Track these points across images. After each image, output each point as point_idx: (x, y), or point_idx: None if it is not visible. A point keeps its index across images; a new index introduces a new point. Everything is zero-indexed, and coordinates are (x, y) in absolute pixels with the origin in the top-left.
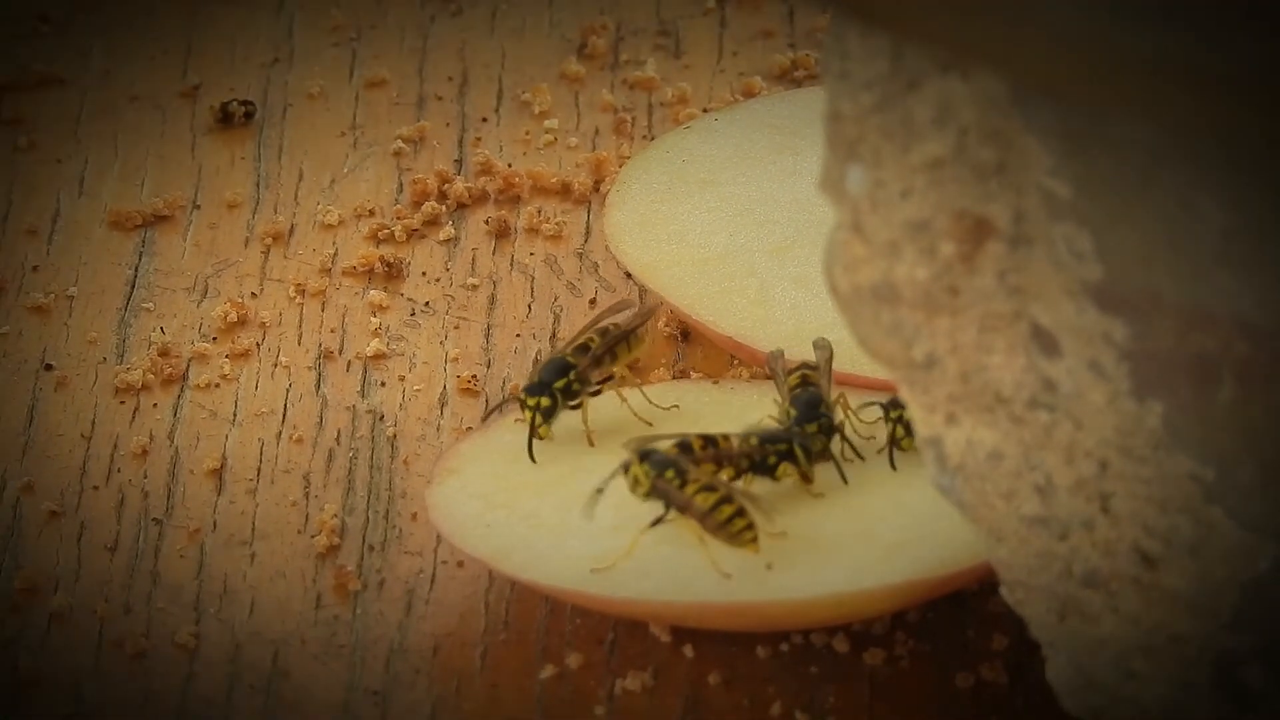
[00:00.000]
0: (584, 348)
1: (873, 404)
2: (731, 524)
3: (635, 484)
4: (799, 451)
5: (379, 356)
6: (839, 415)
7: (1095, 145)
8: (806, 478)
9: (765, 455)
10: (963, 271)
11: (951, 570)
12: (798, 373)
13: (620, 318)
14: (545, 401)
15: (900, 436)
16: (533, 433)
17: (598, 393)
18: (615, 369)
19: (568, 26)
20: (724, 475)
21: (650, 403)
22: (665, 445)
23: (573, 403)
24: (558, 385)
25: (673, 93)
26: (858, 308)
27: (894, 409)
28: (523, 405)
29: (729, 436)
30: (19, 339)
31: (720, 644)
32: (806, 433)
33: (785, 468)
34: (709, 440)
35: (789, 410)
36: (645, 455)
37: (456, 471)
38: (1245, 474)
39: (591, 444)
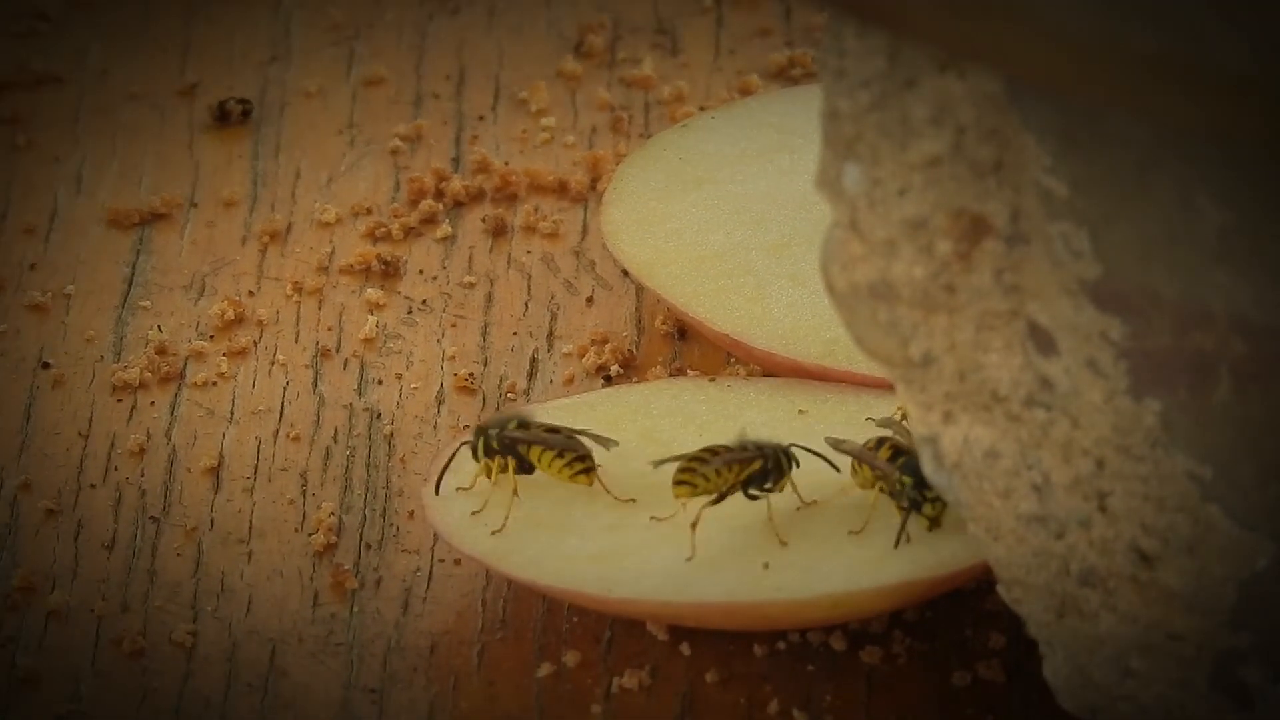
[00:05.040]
0: None
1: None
2: (564, 461)
3: (484, 447)
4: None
5: (376, 354)
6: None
7: (1093, 143)
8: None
9: (893, 485)
10: (960, 270)
11: (948, 570)
12: (886, 445)
13: None
14: None
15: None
16: None
17: None
18: None
19: (565, 25)
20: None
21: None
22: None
23: None
24: None
25: (670, 91)
26: (854, 306)
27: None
28: None
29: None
30: (16, 337)
31: (717, 642)
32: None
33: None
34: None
35: (900, 480)
36: (480, 430)
37: (453, 470)
38: (1243, 472)
39: None
